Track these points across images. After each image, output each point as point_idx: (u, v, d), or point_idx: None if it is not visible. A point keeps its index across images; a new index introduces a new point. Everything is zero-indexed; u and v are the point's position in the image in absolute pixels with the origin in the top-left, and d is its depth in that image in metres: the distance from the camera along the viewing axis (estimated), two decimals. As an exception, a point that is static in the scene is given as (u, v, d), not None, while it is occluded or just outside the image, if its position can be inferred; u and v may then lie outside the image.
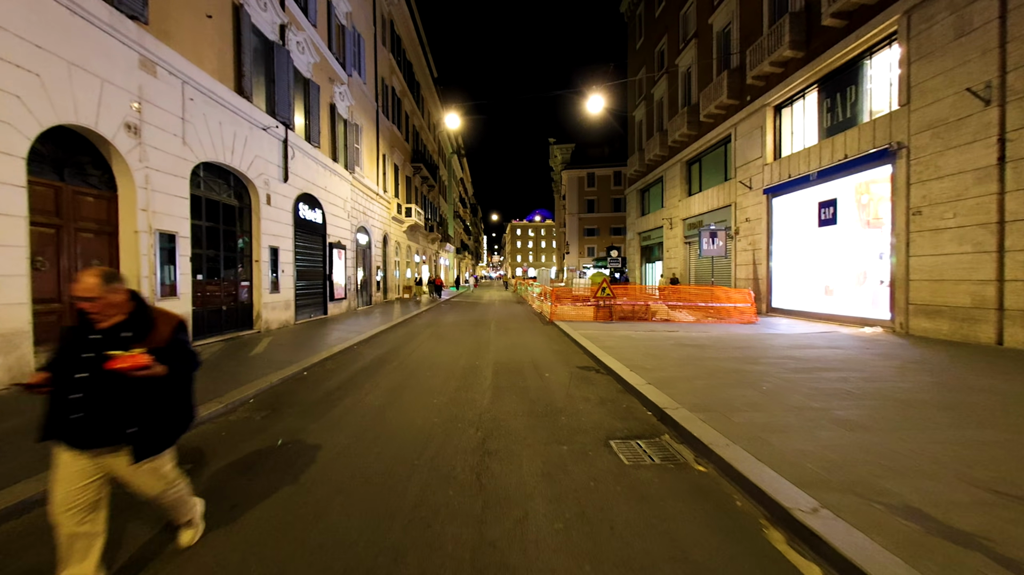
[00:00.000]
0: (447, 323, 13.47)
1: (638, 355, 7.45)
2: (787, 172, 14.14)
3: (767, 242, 15.34)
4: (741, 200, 16.85)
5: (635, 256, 30.34)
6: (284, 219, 10.95)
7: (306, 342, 9.19)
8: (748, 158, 16.36)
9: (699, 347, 8.29)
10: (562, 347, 9.08)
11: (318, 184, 12.94)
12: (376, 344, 9.50)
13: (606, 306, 13.21)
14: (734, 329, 11.45)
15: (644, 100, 28.11)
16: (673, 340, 9.17)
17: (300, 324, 11.71)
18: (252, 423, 4.52)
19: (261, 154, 9.85)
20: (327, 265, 13.66)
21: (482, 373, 6.60)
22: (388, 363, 7.47)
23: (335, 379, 6.35)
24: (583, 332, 10.39)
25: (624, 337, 9.65)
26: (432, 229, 34.01)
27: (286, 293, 11.02)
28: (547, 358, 7.86)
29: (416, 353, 8.40)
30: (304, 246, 12.34)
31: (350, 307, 15.67)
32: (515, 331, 11.55)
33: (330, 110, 14.06)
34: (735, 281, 17.29)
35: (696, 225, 21.16)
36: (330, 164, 13.82)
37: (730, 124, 17.42)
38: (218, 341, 8.51)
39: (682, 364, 6.65)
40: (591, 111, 17.41)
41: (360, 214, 17.18)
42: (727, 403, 4.59)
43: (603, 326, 11.74)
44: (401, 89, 24.51)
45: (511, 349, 8.77)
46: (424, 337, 10.51)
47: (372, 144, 18.89)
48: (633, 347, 8.29)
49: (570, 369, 6.92)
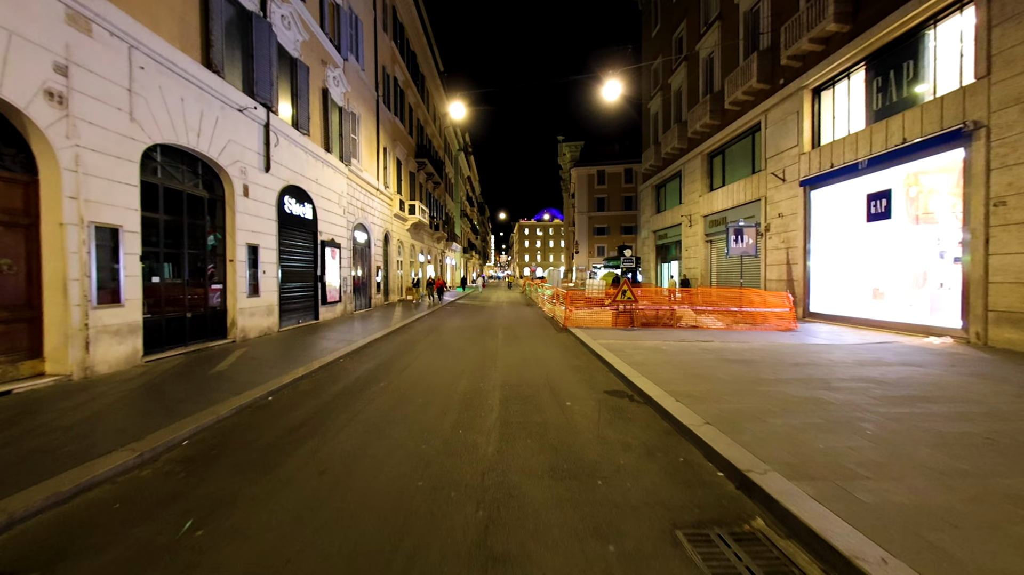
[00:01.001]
0: (450, 329, 12.19)
1: (677, 375, 6.10)
2: (828, 161, 12.66)
3: (804, 239, 13.86)
4: (772, 194, 15.37)
5: (650, 255, 28.86)
6: (266, 213, 9.74)
7: (285, 354, 7.95)
8: (781, 147, 14.88)
9: (747, 363, 6.91)
10: (582, 361, 7.75)
11: (308, 176, 11.72)
12: (366, 356, 8.24)
13: (627, 311, 11.85)
14: (774, 338, 10.04)
15: (660, 91, 26.62)
16: (712, 353, 7.80)
17: (285, 331, 10.49)
18: (168, 484, 3.26)
19: (236, 139, 8.64)
20: (319, 265, 12.45)
21: (487, 400, 5.30)
22: (375, 384, 6.19)
23: (304, 408, 5.08)
24: (604, 342, 9.04)
25: (653, 349, 8.29)
26: (437, 228, 32.80)
27: (268, 296, 9.81)
28: (565, 377, 6.53)
29: (410, 369, 7.12)
30: (291, 244, 11.13)
31: (345, 311, 14.46)
32: (525, 340, 10.24)
33: (322, 95, 12.85)
34: (765, 282, 15.81)
35: (719, 222, 19.69)
36: (322, 155, 12.60)
37: (759, 111, 15.94)
38: (179, 355, 7.29)
39: (738, 389, 5.29)
40: (607, 98, 16.07)
41: (358, 210, 15.97)
42: (832, 460, 3.24)
43: (625, 334, 10.38)
44: (404, 80, 23.29)
45: (522, 364, 7.45)
46: (423, 347, 9.23)
47: (371, 136, 17.68)
48: (667, 363, 6.94)
49: (596, 394, 5.58)
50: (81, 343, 5.52)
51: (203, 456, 3.77)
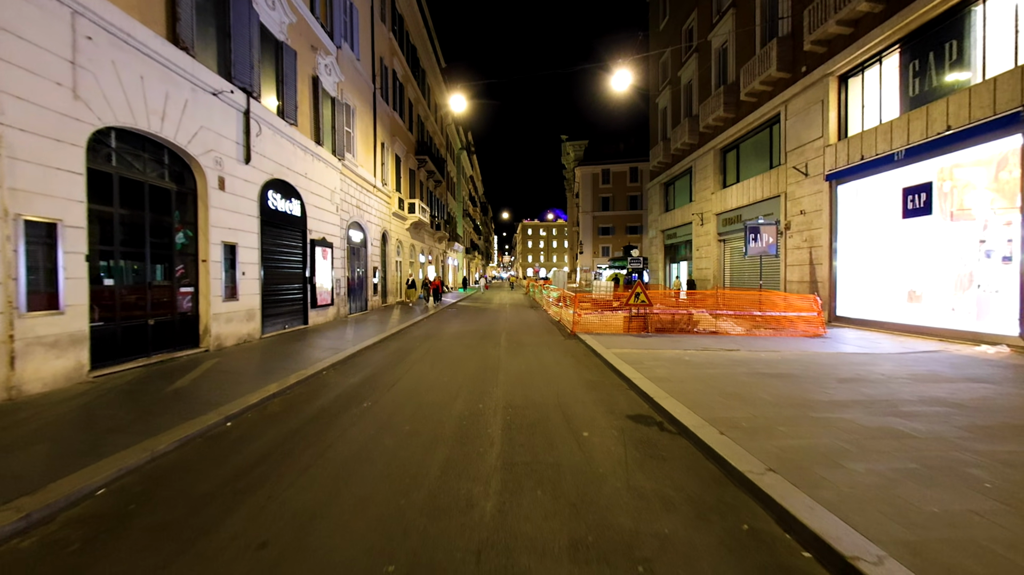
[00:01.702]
0: (448, 335, 11.30)
1: (710, 394, 5.18)
2: (858, 154, 11.70)
3: (829, 238, 12.89)
4: (793, 189, 14.41)
5: (658, 255, 27.89)
6: (246, 209, 8.88)
7: (262, 366, 7.09)
8: (803, 140, 13.92)
9: (787, 379, 5.99)
10: (596, 375, 6.83)
11: (295, 169, 10.86)
12: (353, 368, 7.36)
13: (640, 315, 10.93)
14: (804, 345, 9.10)
15: (669, 85, 25.66)
16: (742, 365, 6.87)
17: (269, 338, 9.63)
18: (49, 564, 2.39)
19: (210, 126, 7.78)
20: (308, 266, 11.59)
21: (486, 428, 4.41)
22: (357, 403, 5.31)
23: (266, 438, 4.20)
24: (618, 351, 8.13)
25: (674, 360, 7.37)
26: (439, 227, 31.95)
27: (248, 300, 8.95)
28: (579, 396, 5.63)
29: (401, 384, 6.23)
30: (276, 243, 10.27)
31: (339, 314, 13.59)
32: (531, 348, 9.33)
33: (312, 84, 11.99)
34: (785, 284, 14.85)
35: (733, 220, 18.73)
36: (312, 147, 11.74)
37: (779, 102, 14.98)
38: (136, 368, 6.43)
39: (790, 416, 4.38)
40: (616, 88, 15.13)
41: (353, 208, 15.11)
42: (964, 537, 2.33)
43: (639, 341, 9.46)
44: (403, 74, 22.44)
45: (528, 380, 6.55)
46: (417, 356, 8.35)
47: (368, 130, 16.83)
48: (695, 378, 6.02)
49: (618, 421, 4.67)
50: (4, 358, 4.67)
51: (116, 514, 2.89)
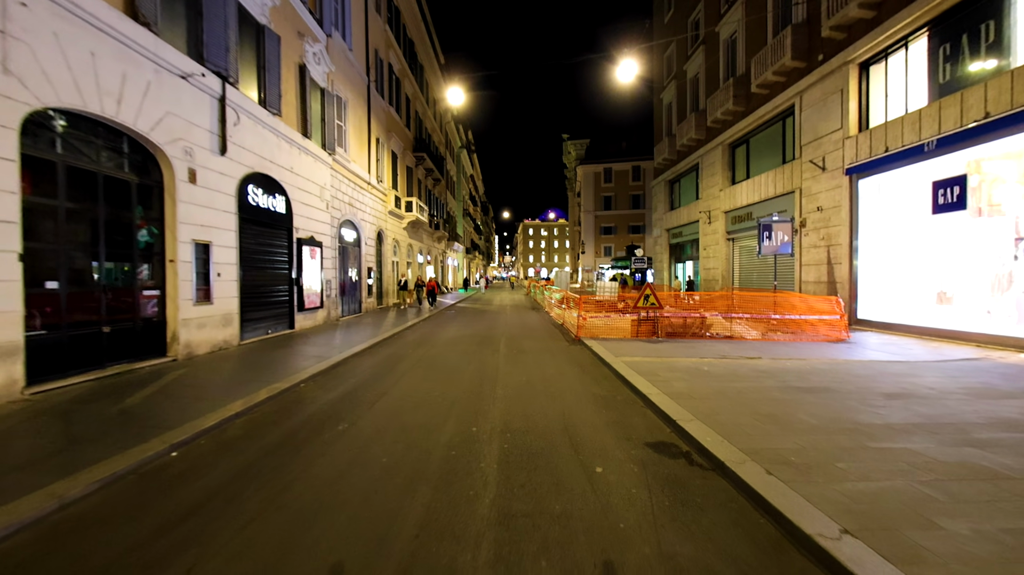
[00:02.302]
0: (444, 340, 10.57)
1: (741, 414, 4.44)
2: (882, 145, 10.94)
3: (850, 235, 12.13)
4: (809, 185, 13.65)
5: (663, 255, 27.11)
6: (222, 204, 8.16)
7: (233, 377, 6.35)
8: (819, 132, 13.16)
9: (824, 393, 5.24)
10: (606, 389, 6.09)
11: (279, 163, 10.14)
12: (334, 380, 6.63)
13: (650, 319, 10.17)
14: (829, 351, 8.35)
15: (674, 79, 24.90)
16: (770, 376, 6.12)
17: (249, 344, 8.90)
18: None
19: (178, 112, 7.06)
20: (294, 267, 10.86)
21: (479, 463, 3.67)
22: (330, 426, 4.58)
23: (213, 475, 3.47)
24: (628, 359, 7.39)
25: (692, 370, 6.62)
26: (438, 227, 31.23)
27: (224, 304, 8.22)
28: (588, 417, 4.88)
29: (384, 401, 5.50)
30: (258, 242, 9.55)
31: (329, 318, 12.86)
32: (532, 355, 8.59)
33: (299, 72, 11.26)
34: (800, 285, 14.10)
35: (743, 218, 17.97)
36: (299, 140, 11.02)
37: (793, 93, 14.23)
38: (87, 382, 5.70)
39: (844, 445, 3.63)
40: (621, 79, 14.42)
41: (345, 205, 14.39)
42: None
43: (650, 347, 8.72)
44: (400, 68, 21.72)
45: (529, 393, 5.81)
46: (408, 365, 7.61)
47: (362, 124, 16.10)
48: (719, 393, 5.27)
49: (637, 450, 3.93)
50: (-92, 377, 3.95)
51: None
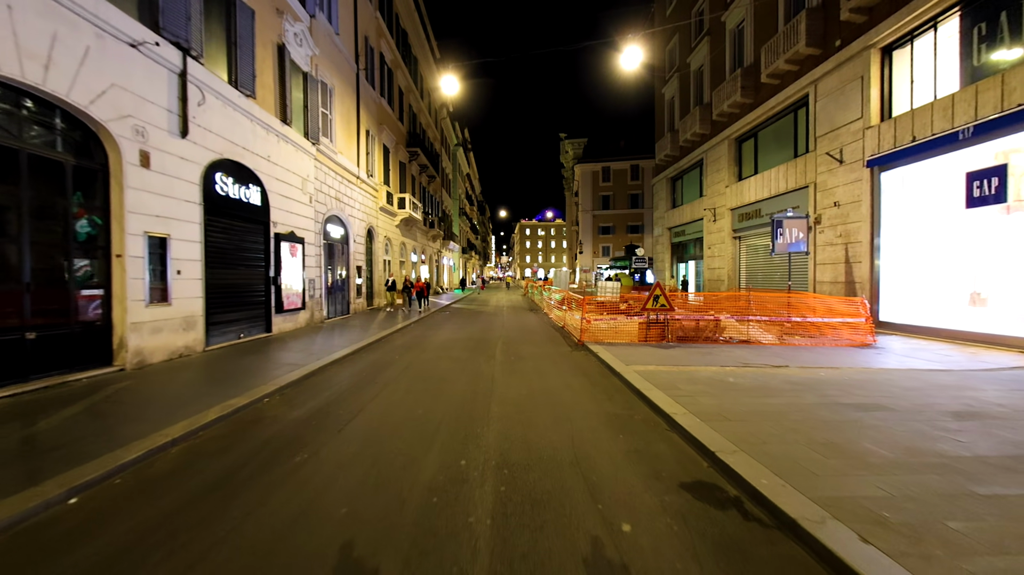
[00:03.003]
0: (435, 345, 9.69)
1: (794, 442, 3.59)
2: (907, 134, 10.16)
3: (871, 232, 11.34)
4: (825, 179, 12.87)
5: (664, 255, 26.30)
6: (182, 193, 7.26)
7: (184, 391, 5.46)
8: (836, 123, 12.38)
9: (883, 414, 4.41)
10: (620, 406, 5.23)
11: (253, 150, 9.23)
12: (305, 394, 5.74)
13: (659, 321, 9.33)
14: (860, 358, 7.54)
15: (677, 73, 24.11)
16: (808, 390, 5.28)
17: (215, 351, 7.99)
18: None
19: (126, 85, 6.16)
20: (272, 265, 9.95)
21: (468, 513, 2.80)
22: (284, 460, 3.70)
23: (103, 540, 2.60)
24: (641, 368, 6.54)
25: (716, 382, 5.78)
26: (433, 225, 30.32)
27: (184, 305, 7.31)
28: (604, 446, 4.02)
29: (358, 423, 4.62)
30: (228, 237, 8.64)
31: (312, 320, 11.95)
32: (532, 362, 7.73)
33: (277, 53, 10.35)
34: (814, 285, 13.31)
35: (750, 215, 17.18)
36: (276, 126, 10.11)
37: (807, 82, 13.44)
38: (1, 399, 4.79)
39: (949, 492, 2.79)
40: (625, 66, 13.61)
41: (331, 199, 13.48)
42: None
43: (662, 353, 7.87)
44: (392, 58, 20.82)
45: (530, 413, 4.95)
46: (392, 375, 6.73)
47: (350, 115, 15.20)
48: (756, 412, 4.43)
49: (673, 498, 3.06)
50: None
51: None
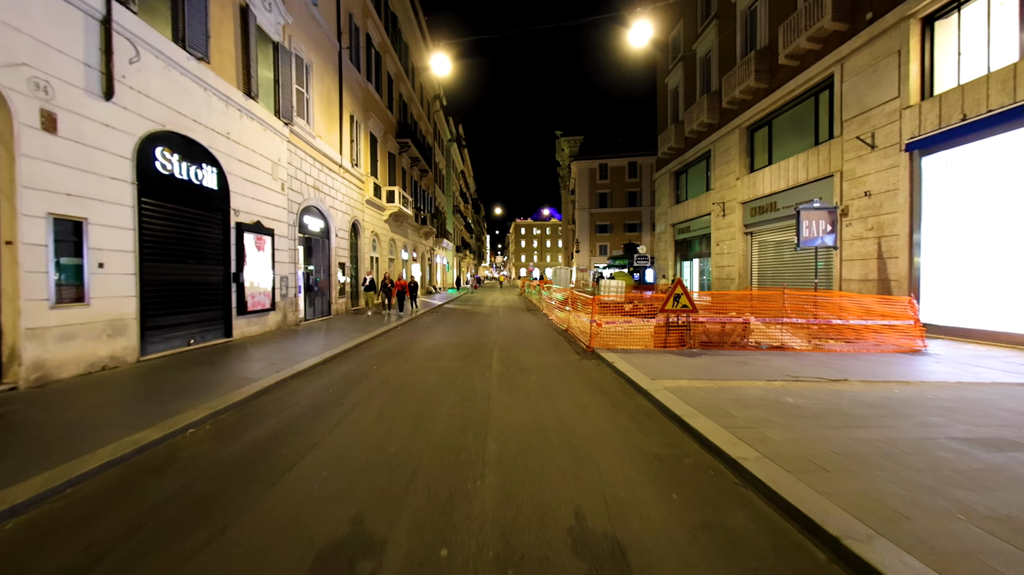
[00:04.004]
0: (423, 352, 8.41)
1: (955, 520, 2.35)
2: (956, 113, 9.00)
3: (909, 225, 10.18)
4: (853, 167, 11.70)
5: (667, 252, 25.13)
6: (107, 168, 5.93)
7: (78, 424, 4.14)
8: (867, 104, 11.22)
9: (1017, 452, 3.19)
10: (659, 441, 3.97)
11: (208, 124, 7.90)
12: (244, 422, 4.44)
13: (680, 325, 8.09)
14: (921, 367, 6.35)
15: (681, 61, 22.94)
16: (901, 416, 4.06)
17: (152, 361, 6.66)
18: None
19: (18, 23, 4.85)
20: (233, 259, 8.62)
21: None
22: (172, 543, 2.41)
23: None
24: (671, 383, 5.29)
25: (773, 404, 4.54)
26: (425, 222, 29.00)
27: (110, 306, 5.98)
28: (653, 513, 2.76)
29: (301, 471, 3.33)
30: (173, 225, 7.30)
31: (285, 322, 10.62)
32: (536, 375, 6.46)
33: (239, 15, 9.01)
34: (840, 283, 12.15)
35: (764, 209, 16.01)
36: (239, 100, 8.78)
37: (832, 61, 12.27)
38: None
39: None
40: (633, 43, 12.41)
41: (308, 188, 12.15)
42: None
43: (688, 363, 6.63)
44: (381, 42, 19.48)
45: (539, 454, 3.69)
46: (364, 392, 5.44)
47: (331, 97, 13.86)
48: (855, 455, 3.19)
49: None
50: None
51: None
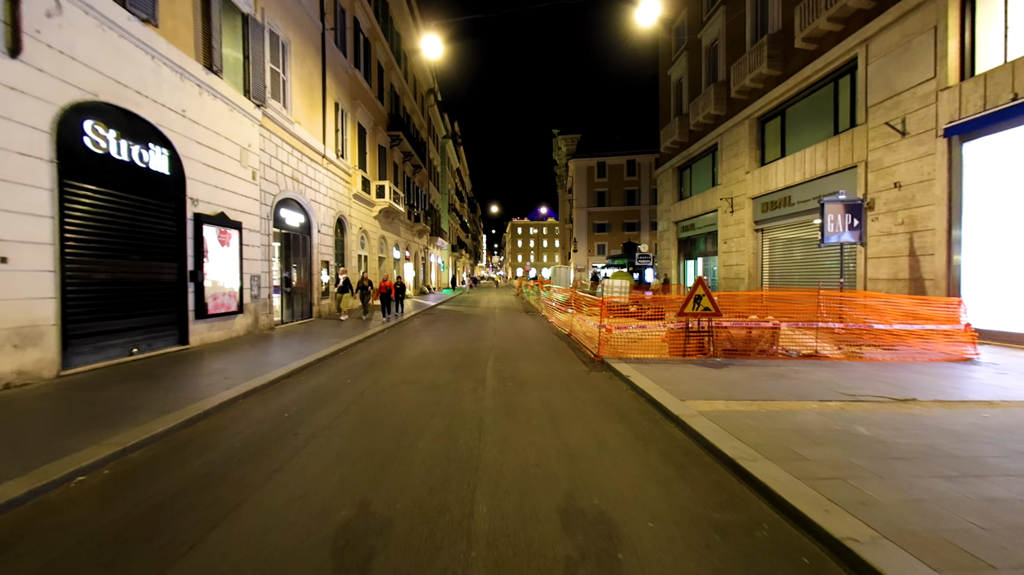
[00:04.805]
0: (406, 362, 7.35)
1: None
2: (1004, 92, 8.05)
3: (948, 218, 9.22)
4: (880, 156, 10.75)
5: (669, 251, 24.15)
6: (10, 140, 4.85)
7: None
8: (898, 87, 10.26)
9: None
10: (711, 498, 2.94)
11: (158, 99, 6.82)
12: (157, 468, 3.39)
13: (700, 331, 7.07)
14: (990, 380, 5.37)
15: (685, 52, 21.98)
16: (1018, 457, 3.06)
17: (76, 376, 5.57)
18: None
19: None
20: (191, 255, 7.54)
21: None
22: None
23: None
24: (706, 407, 4.27)
25: (841, 435, 3.53)
26: (418, 219, 27.87)
27: (13, 311, 4.87)
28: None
29: (217, 542, 2.27)
30: (110, 215, 6.21)
31: (256, 326, 9.53)
32: (538, 393, 5.43)
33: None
34: (865, 282, 11.19)
35: (777, 204, 15.05)
36: (198, 73, 7.69)
37: (855, 41, 11.31)
38: None
39: None
40: (641, 23, 11.42)
41: (286, 179, 11.06)
42: None
43: (715, 375, 5.62)
44: (370, 28, 18.40)
45: (548, 524, 2.64)
46: (325, 419, 4.39)
47: (313, 81, 12.78)
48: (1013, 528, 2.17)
49: None
50: None
51: None
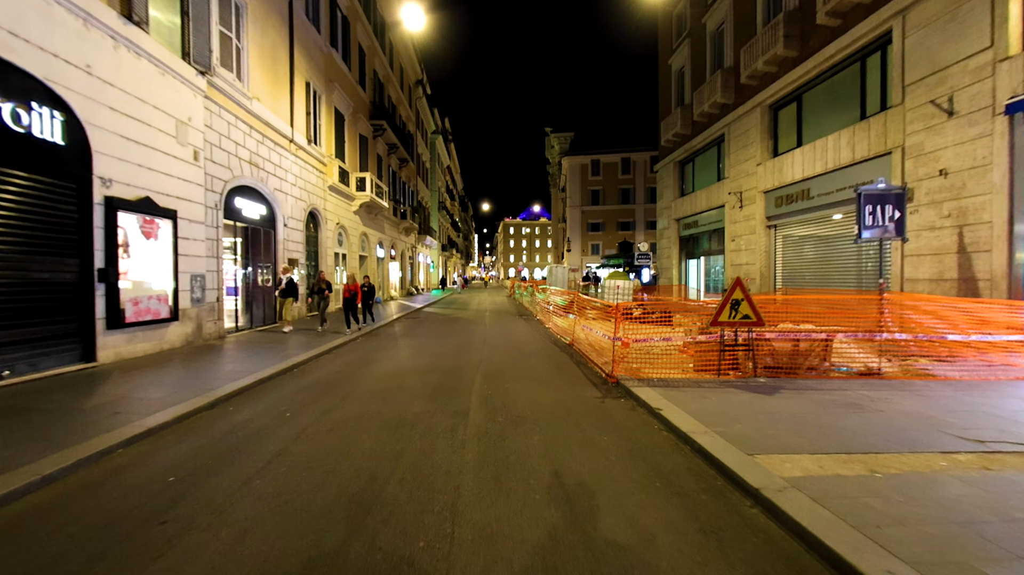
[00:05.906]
0: (369, 386, 5.89)
1: None
2: (1084, 60, 6.80)
3: (1009, 210, 7.97)
4: (920, 140, 9.50)
5: (671, 250, 22.88)
6: None
7: None
8: (943, 61, 9.02)
9: None
10: None
11: (47, 48, 5.32)
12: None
13: (736, 346, 5.70)
14: None
15: (687, 39, 20.73)
16: None
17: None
18: None
19: None
20: (101, 249, 6.00)
21: None
22: None
23: None
24: (790, 468, 2.88)
25: (1012, 519, 2.15)
26: (405, 216, 26.30)
27: None
28: None
29: None
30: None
31: (199, 335, 7.99)
32: (538, 436, 4.01)
33: (117, -94, 6.42)
34: (902, 282, 9.94)
35: (793, 198, 13.79)
36: (110, 21, 6.16)
37: (889, 12, 10.03)
38: None
39: None
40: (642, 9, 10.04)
41: (242, 163, 9.53)
42: None
43: (771, 406, 4.24)
44: (349, 6, 16.82)
45: None
46: (233, 481, 2.93)
47: (278, 53, 11.24)
48: None
49: None
50: None
51: None
